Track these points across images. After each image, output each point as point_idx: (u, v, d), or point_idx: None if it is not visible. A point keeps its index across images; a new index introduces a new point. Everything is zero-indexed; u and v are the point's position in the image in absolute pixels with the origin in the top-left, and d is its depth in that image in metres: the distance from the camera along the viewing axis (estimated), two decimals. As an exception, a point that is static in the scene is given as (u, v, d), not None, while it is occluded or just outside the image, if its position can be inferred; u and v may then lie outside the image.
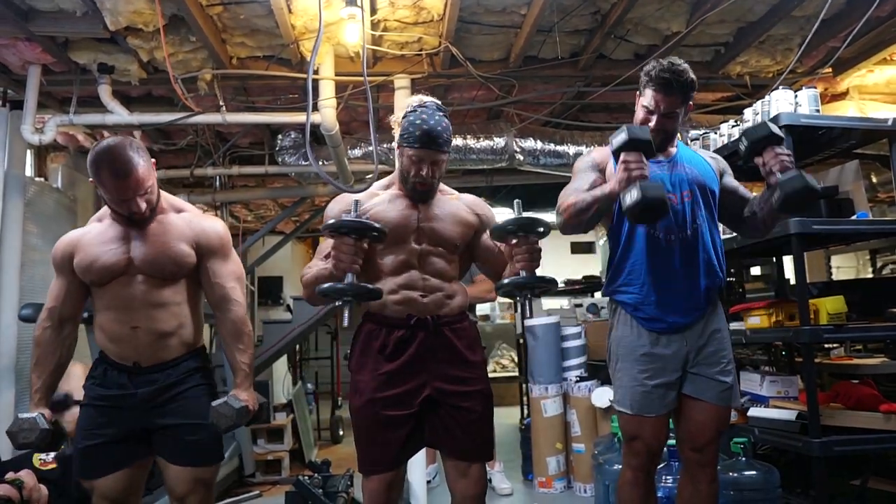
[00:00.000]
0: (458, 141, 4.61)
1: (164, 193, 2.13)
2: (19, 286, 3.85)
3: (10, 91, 3.99)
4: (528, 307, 1.95)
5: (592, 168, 2.19)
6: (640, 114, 2.16)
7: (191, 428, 1.98)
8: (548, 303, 5.93)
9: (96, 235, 2.04)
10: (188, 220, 2.10)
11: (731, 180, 2.30)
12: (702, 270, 2.14)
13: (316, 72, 3.69)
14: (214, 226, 2.14)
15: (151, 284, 2.00)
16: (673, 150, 2.21)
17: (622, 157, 1.90)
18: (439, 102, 2.04)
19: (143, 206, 1.96)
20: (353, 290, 1.78)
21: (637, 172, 1.87)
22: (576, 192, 2.08)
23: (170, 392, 2.01)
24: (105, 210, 2.12)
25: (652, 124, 2.11)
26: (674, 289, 2.11)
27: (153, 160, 2.01)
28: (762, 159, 2.00)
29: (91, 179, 1.96)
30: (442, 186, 2.14)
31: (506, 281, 1.85)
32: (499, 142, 4.70)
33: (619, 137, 1.89)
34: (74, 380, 2.70)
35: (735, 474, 2.69)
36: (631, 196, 1.82)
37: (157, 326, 2.00)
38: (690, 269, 2.13)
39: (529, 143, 4.75)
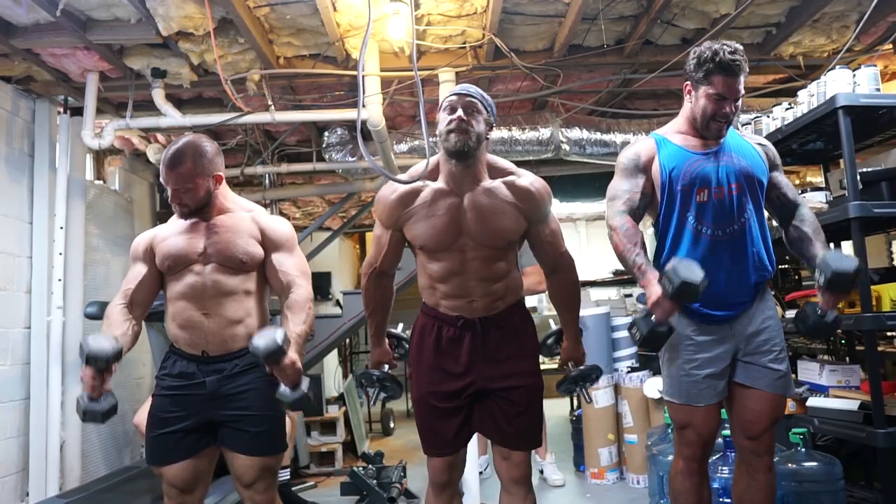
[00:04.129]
0: (503, 132, 4.60)
1: (234, 195, 2.28)
2: (83, 285, 4.02)
3: (70, 98, 4.15)
4: (584, 395, 2.25)
5: (637, 169, 2.14)
6: (707, 105, 2.06)
7: (255, 420, 2.07)
8: (597, 293, 5.87)
9: (175, 228, 2.21)
10: (256, 218, 2.24)
11: (779, 176, 2.22)
12: (751, 265, 2.10)
13: (362, 68, 3.72)
14: (280, 222, 2.27)
15: (221, 273, 2.12)
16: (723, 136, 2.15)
17: (661, 300, 1.89)
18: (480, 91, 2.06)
19: (182, 199, 2.12)
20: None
21: (661, 318, 1.91)
22: (626, 231, 2.05)
23: (235, 382, 2.11)
24: None
25: (726, 112, 2.05)
26: (723, 285, 2.07)
27: (217, 173, 2.16)
28: (828, 296, 2.03)
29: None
30: (496, 161, 2.08)
31: (562, 387, 2.22)
32: (544, 132, 4.66)
33: (671, 287, 1.85)
34: (143, 412, 2.82)
35: (795, 466, 2.63)
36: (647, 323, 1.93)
37: (226, 314, 2.12)
38: (739, 265, 2.09)
39: (575, 133, 4.70)
